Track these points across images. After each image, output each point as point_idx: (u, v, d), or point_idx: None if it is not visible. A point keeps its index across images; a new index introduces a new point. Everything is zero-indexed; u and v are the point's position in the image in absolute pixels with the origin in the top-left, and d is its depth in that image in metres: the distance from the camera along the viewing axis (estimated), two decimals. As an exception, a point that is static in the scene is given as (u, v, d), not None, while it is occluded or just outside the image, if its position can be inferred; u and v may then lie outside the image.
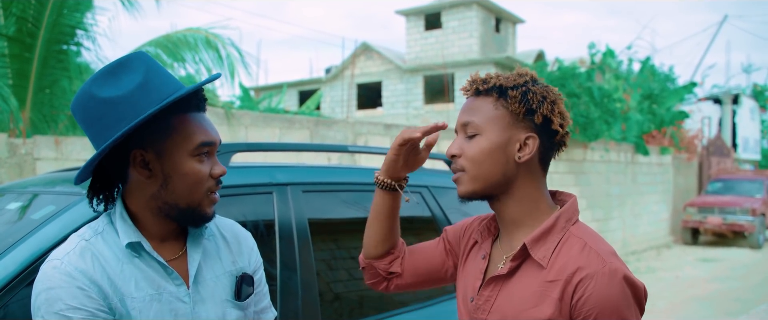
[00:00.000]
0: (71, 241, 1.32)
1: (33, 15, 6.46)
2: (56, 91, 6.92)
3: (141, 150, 1.31)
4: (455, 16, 22.04)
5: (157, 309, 1.32)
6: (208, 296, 1.40)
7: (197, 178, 1.34)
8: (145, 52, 1.67)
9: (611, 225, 13.23)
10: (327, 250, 2.36)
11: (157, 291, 1.33)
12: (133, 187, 1.36)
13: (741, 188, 16.22)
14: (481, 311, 1.40)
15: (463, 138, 1.40)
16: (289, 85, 23.87)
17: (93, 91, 1.28)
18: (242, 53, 7.54)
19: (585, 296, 1.25)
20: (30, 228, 1.72)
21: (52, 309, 1.22)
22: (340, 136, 8.05)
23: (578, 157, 12.21)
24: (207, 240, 1.47)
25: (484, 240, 1.51)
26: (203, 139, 1.35)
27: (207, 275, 1.42)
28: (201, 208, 1.37)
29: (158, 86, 1.30)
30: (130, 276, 1.31)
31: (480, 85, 1.40)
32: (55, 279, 1.24)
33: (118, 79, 1.29)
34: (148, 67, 1.31)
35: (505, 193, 1.39)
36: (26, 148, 5.46)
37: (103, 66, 1.34)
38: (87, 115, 1.30)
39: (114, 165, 1.34)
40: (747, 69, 33.36)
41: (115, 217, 1.36)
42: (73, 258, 1.27)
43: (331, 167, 2.70)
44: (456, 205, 2.80)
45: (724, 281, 10.34)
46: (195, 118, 1.36)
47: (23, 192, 2.21)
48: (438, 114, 21.26)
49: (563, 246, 1.33)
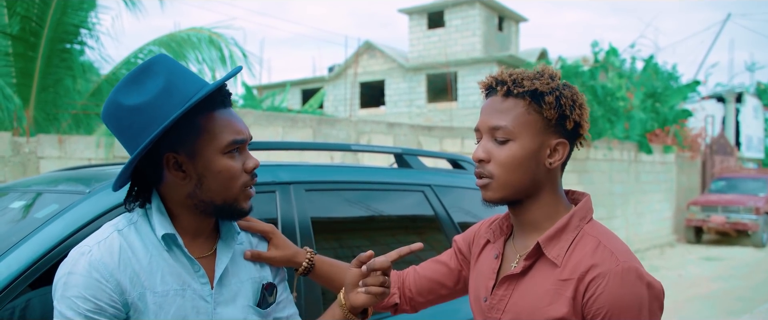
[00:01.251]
0: (104, 230, 1.35)
1: (37, 14, 6.47)
2: (60, 90, 6.93)
3: (173, 153, 1.33)
4: (458, 15, 22.02)
5: (179, 305, 1.34)
6: (230, 298, 1.42)
7: (231, 175, 1.36)
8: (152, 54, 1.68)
9: (614, 223, 13.21)
10: (330, 249, 2.37)
11: (182, 286, 1.35)
12: (169, 187, 1.38)
13: (744, 187, 16.18)
14: (495, 310, 1.40)
15: (490, 142, 1.36)
16: (292, 84, 23.87)
17: (119, 100, 1.30)
18: (245, 52, 7.54)
19: (596, 294, 1.25)
20: (33, 228, 1.73)
21: (67, 294, 1.26)
22: (343, 134, 8.05)
23: (581, 156, 12.20)
24: (238, 245, 1.49)
25: (496, 239, 1.50)
26: (233, 138, 1.36)
27: (232, 278, 1.44)
28: (237, 203, 1.39)
29: (181, 88, 1.32)
30: (157, 269, 1.33)
31: (512, 88, 1.34)
32: (77, 265, 1.28)
33: (141, 86, 1.31)
34: (169, 69, 1.33)
35: (530, 197, 1.38)
36: (30, 147, 5.47)
37: (127, 73, 1.37)
38: (117, 123, 1.33)
39: (149, 169, 1.37)
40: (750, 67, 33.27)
41: (152, 210, 1.38)
42: (101, 248, 1.30)
43: (333, 166, 2.70)
44: (459, 204, 2.80)
45: (727, 280, 10.32)
46: (222, 114, 1.37)
47: (27, 191, 2.21)
48: (440, 112, 21.25)
49: (577, 245, 1.32)
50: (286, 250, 1.56)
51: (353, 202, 2.56)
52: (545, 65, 1.41)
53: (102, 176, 2.04)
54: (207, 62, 7.28)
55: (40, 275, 1.62)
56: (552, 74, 1.37)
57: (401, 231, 2.77)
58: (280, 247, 1.55)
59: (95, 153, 5.79)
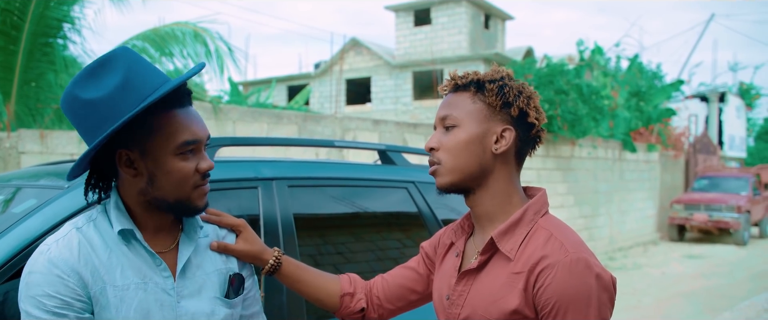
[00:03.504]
0: (64, 229, 1.36)
1: (18, 7, 6.40)
2: (42, 85, 6.86)
3: (126, 150, 1.33)
4: (445, 12, 22.04)
5: (141, 298, 1.33)
6: (195, 291, 1.41)
7: (181, 175, 1.36)
8: (129, 47, 1.67)
9: (598, 221, 13.30)
10: (312, 245, 2.36)
11: (143, 280, 1.34)
12: (123, 183, 1.39)
13: (727, 185, 16.33)
14: (455, 306, 1.42)
15: (441, 131, 1.43)
16: (278, 80, 23.79)
17: (76, 93, 1.30)
18: (231, 47, 7.50)
19: (545, 285, 1.27)
20: (10, 223, 1.70)
21: (30, 293, 1.27)
22: (329, 131, 8.03)
23: (566, 154, 12.26)
24: (202, 238, 1.48)
25: (458, 239, 1.53)
26: (186, 138, 1.34)
27: (197, 271, 1.43)
28: (191, 201, 1.39)
29: (139, 86, 1.30)
30: (117, 264, 1.33)
31: (458, 80, 1.43)
32: (38, 264, 1.28)
33: (99, 80, 1.29)
34: (129, 65, 1.31)
35: (481, 187, 1.41)
36: (11, 142, 5.40)
37: (86, 65, 1.35)
38: (73, 115, 1.32)
39: (104, 162, 1.37)
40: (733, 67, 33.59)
41: (110, 206, 1.38)
42: (59, 246, 1.31)
43: (317, 162, 2.69)
44: (442, 201, 2.79)
45: (709, 277, 10.42)
46: (179, 115, 1.35)
47: (5, 185, 2.18)
48: (427, 110, 21.27)
49: (531, 238, 1.34)
50: (253, 245, 1.57)
51: (337, 199, 2.55)
52: (499, 66, 1.46)
53: (82, 171, 2.01)
54: (192, 57, 7.24)
55: (16, 270, 1.60)
56: (499, 70, 1.44)
57: (385, 228, 2.76)
58: (248, 241, 1.56)
59: (78, 148, 5.73)
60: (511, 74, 1.43)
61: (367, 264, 2.55)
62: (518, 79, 1.44)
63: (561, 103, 11.36)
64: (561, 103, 11.36)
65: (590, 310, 1.25)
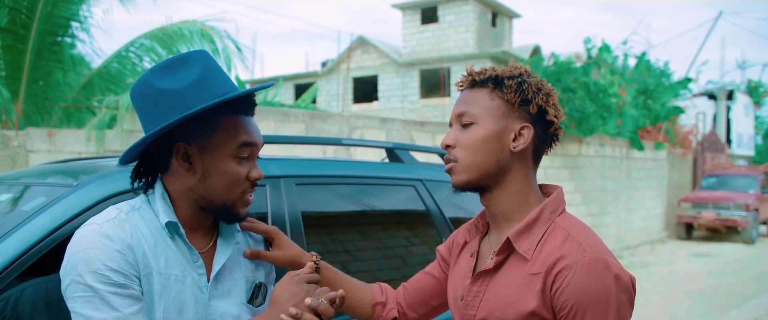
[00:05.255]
0: (110, 212, 1.36)
1: (27, 6, 6.42)
2: (50, 83, 6.89)
3: (185, 143, 1.36)
4: (452, 11, 22.01)
5: (179, 290, 1.36)
6: (225, 293, 1.44)
7: (234, 178, 1.38)
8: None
9: (606, 220, 13.26)
10: (320, 243, 2.35)
11: (182, 273, 1.37)
12: (173, 176, 1.40)
13: (735, 184, 16.26)
14: (470, 307, 1.40)
15: (457, 128, 1.40)
16: (285, 79, 23.81)
17: (151, 81, 1.34)
18: (239, 46, 7.51)
19: (563, 286, 1.24)
20: (19, 221, 1.71)
21: (91, 268, 1.24)
22: (336, 129, 8.03)
23: (573, 152, 12.22)
24: (236, 243, 1.51)
25: (472, 238, 1.50)
26: (246, 139, 1.39)
27: (227, 275, 1.46)
28: (235, 208, 1.41)
29: (212, 85, 1.35)
30: (162, 253, 1.35)
31: (476, 76, 1.40)
32: (94, 240, 1.26)
33: (175, 73, 1.34)
34: (206, 66, 1.37)
35: (498, 185, 1.38)
36: (19, 140, 5.42)
37: (166, 58, 1.41)
38: (142, 102, 1.36)
39: (159, 153, 1.40)
40: (741, 65, 33.41)
41: (155, 197, 1.40)
42: (112, 225, 1.31)
43: (324, 160, 2.69)
44: (451, 199, 2.79)
45: (717, 276, 10.37)
46: (242, 120, 1.40)
47: (14, 183, 2.19)
48: (434, 108, 21.25)
49: (548, 238, 1.32)
50: (288, 249, 1.57)
51: (344, 197, 2.54)
52: (517, 62, 1.43)
53: (91, 169, 2.02)
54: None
55: (25, 268, 1.61)
56: (518, 66, 1.41)
57: (392, 226, 2.76)
58: (283, 248, 1.56)
59: (86, 147, 5.75)
60: (529, 71, 1.41)
61: (375, 262, 2.54)
62: (536, 77, 1.41)
63: (568, 101, 11.33)
64: (568, 101, 11.33)
65: (609, 312, 1.22)
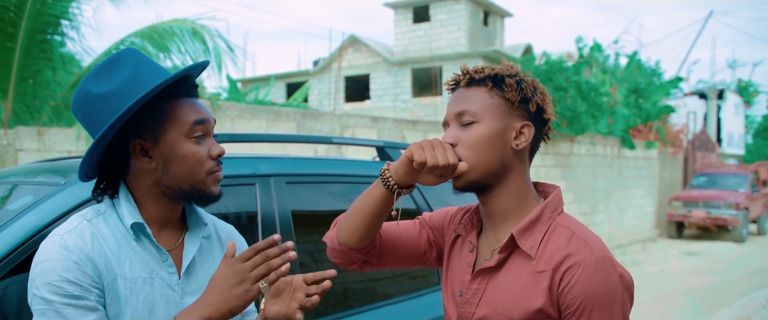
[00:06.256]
0: (73, 220, 1.36)
1: (15, 3, 6.36)
2: (40, 82, 6.84)
3: (139, 139, 1.36)
4: (443, 9, 22.01)
5: (147, 292, 1.36)
6: (198, 288, 1.43)
7: (196, 159, 1.38)
8: (128, 44, 1.69)
9: (597, 218, 13.30)
10: (311, 242, 2.35)
11: (150, 275, 1.37)
12: (135, 176, 1.40)
13: (725, 182, 16.33)
14: (469, 305, 1.39)
15: (457, 127, 1.38)
16: (277, 78, 23.76)
17: (88, 88, 1.34)
18: (230, 45, 7.47)
19: (571, 284, 1.25)
20: (7, 219, 1.70)
21: (46, 280, 1.25)
22: (327, 128, 8.02)
23: (565, 151, 12.25)
24: (204, 238, 1.51)
25: (467, 233, 1.49)
26: (195, 118, 1.39)
27: (200, 270, 1.46)
28: (206, 188, 1.41)
29: (148, 77, 1.34)
30: (126, 258, 1.35)
31: (474, 74, 1.39)
32: (52, 252, 1.28)
33: (110, 75, 1.34)
34: (138, 61, 1.36)
35: (499, 184, 1.37)
36: (8, 139, 5.39)
37: (97, 64, 1.39)
38: (84, 111, 1.36)
39: (116, 157, 1.39)
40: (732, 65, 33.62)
41: (119, 200, 1.40)
42: (72, 235, 1.31)
43: (314, 159, 2.68)
44: (443, 199, 2.78)
45: (708, 274, 10.43)
46: (188, 101, 1.41)
47: (2, 182, 2.17)
48: (425, 107, 21.26)
49: (551, 236, 1.32)
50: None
51: (335, 195, 2.54)
52: (509, 61, 1.43)
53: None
54: (190, 54, 7.22)
55: (13, 267, 1.59)
56: (512, 65, 1.41)
57: (383, 225, 2.75)
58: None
59: (75, 145, 5.72)
60: (520, 70, 1.41)
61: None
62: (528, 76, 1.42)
63: (560, 100, 11.37)
64: (560, 100, 11.37)
65: (615, 309, 1.25)
